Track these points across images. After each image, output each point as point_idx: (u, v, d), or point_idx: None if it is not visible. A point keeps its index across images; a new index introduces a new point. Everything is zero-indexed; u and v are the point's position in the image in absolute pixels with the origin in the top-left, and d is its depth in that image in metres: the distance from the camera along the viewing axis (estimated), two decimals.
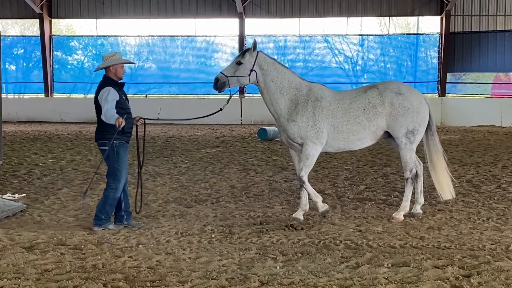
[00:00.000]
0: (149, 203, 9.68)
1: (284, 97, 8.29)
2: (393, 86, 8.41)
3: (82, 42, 31.32)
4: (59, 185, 11.13)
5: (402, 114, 8.25)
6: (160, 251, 6.90)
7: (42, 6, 28.98)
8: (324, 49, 29.42)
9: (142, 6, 28.99)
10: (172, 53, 30.60)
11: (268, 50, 29.64)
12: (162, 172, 12.80)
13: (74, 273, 6.07)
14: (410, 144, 8.34)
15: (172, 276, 5.99)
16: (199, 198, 10.11)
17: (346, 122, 8.22)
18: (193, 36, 30.10)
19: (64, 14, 29.85)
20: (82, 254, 6.74)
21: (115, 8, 29.20)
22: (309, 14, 28.44)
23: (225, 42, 30.13)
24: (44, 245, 7.10)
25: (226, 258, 6.61)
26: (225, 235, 7.64)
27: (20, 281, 5.78)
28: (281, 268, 6.25)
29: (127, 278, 5.95)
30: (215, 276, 6.02)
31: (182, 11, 29.00)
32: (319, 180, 11.69)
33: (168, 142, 19.22)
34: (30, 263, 6.39)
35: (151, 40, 30.52)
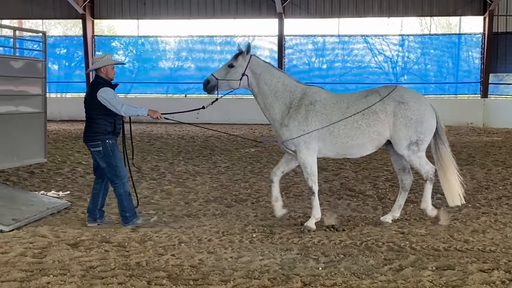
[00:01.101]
0: (190, 202, 9.75)
1: (278, 101, 8.06)
2: (396, 94, 7.95)
3: (123, 43, 31.67)
4: None
5: (405, 125, 7.84)
6: (202, 250, 6.94)
7: (85, 6, 29.42)
8: (364, 49, 29.18)
9: (182, 7, 29.19)
10: (211, 53, 30.73)
11: (306, 51, 29.58)
12: (202, 172, 12.88)
13: (119, 270, 6.15)
14: (415, 154, 7.95)
15: (215, 275, 6.02)
16: (239, 197, 10.14)
17: (343, 127, 7.88)
18: (232, 36, 30.19)
19: (106, 14, 30.24)
20: (125, 252, 6.83)
21: (156, 8, 29.47)
22: (349, 14, 28.25)
23: (263, 42, 30.14)
24: (88, 242, 7.21)
25: (267, 258, 6.61)
26: (266, 235, 7.65)
27: (66, 278, 5.88)
28: (323, 269, 6.23)
29: (170, 276, 6.01)
30: (257, 275, 6.03)
31: (222, 12, 29.11)
32: (360, 181, 11.61)
33: (207, 142, 19.33)
34: (75, 259, 6.49)
35: (191, 40, 30.71)
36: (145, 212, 8.98)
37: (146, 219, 8.21)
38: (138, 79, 30.71)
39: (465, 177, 8.73)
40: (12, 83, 9.50)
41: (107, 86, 7.92)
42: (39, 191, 10.41)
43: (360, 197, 10.06)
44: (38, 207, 8.60)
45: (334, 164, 13.79)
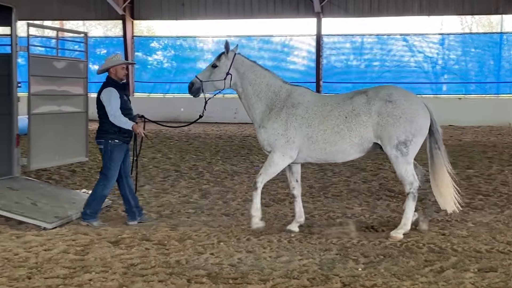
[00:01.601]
0: (228, 201, 9.79)
1: (261, 102, 7.77)
2: (384, 93, 7.52)
3: (161, 43, 31.95)
4: (141, 182, 11.38)
5: (392, 124, 7.36)
6: (241, 249, 6.97)
7: (125, 8, 29.77)
8: (403, 48, 28.89)
9: (221, 7, 29.31)
10: (248, 53, 30.79)
11: (344, 50, 29.42)
12: (239, 171, 12.92)
13: (159, 268, 6.21)
14: (403, 157, 7.44)
15: (254, 274, 6.04)
16: (277, 197, 10.14)
17: (322, 132, 7.48)
18: (269, 36, 30.21)
19: (145, 15, 30.55)
20: (165, 250, 6.89)
21: (194, 9, 29.65)
22: (388, 13, 27.98)
23: (301, 42, 30.08)
24: (129, 240, 7.30)
25: (306, 258, 6.60)
26: (304, 235, 7.63)
27: (108, 275, 5.97)
28: (363, 270, 6.20)
29: (209, 274, 6.04)
30: (297, 275, 6.02)
31: (260, 12, 29.13)
32: (399, 182, 11.46)
33: (245, 141, 19.37)
34: (116, 257, 6.58)
35: (228, 40, 30.79)
36: (184, 211, 9.06)
37: (102, 224, 8.16)
38: (176, 79, 30.95)
39: (507, 178, 8.48)
40: (55, 83, 9.67)
41: (113, 86, 8.00)
42: (80, 189, 10.58)
43: (400, 198, 9.96)
44: (80, 205, 8.72)
45: (372, 164, 13.70)
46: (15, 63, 9.36)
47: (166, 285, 5.73)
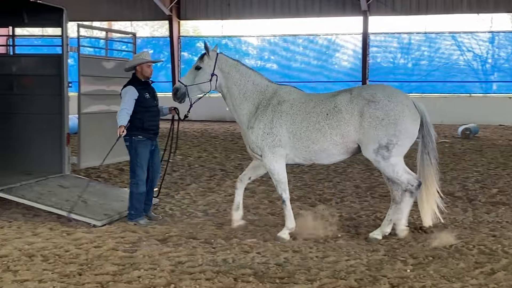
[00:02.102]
0: (274, 201, 9.79)
1: (247, 102, 7.48)
2: (368, 92, 7.13)
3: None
4: (187, 181, 11.49)
5: (374, 126, 6.96)
6: (287, 248, 6.95)
7: (171, 8, 30.06)
8: (451, 46, 28.42)
9: (266, 6, 29.32)
10: (293, 52, 30.74)
11: (391, 48, 29.09)
12: None
13: (206, 266, 6.24)
14: (385, 161, 7.03)
15: (301, 274, 6.02)
16: (323, 197, 10.09)
17: (305, 128, 7.20)
18: (314, 35, 30.09)
19: (192, 15, 30.77)
20: (212, 248, 6.93)
21: (240, 8, 29.74)
22: (436, 11, 27.54)
23: (346, 41, 29.87)
24: (176, 238, 7.36)
25: (354, 259, 6.55)
26: (351, 235, 7.58)
27: (156, 272, 6.03)
28: (412, 271, 6.11)
29: (256, 273, 6.05)
30: (344, 276, 5.98)
31: (306, 11, 29.03)
32: (448, 182, 11.30)
33: None
34: (164, 254, 6.64)
35: (273, 39, 30.83)
36: (230, 210, 9.07)
37: (149, 222, 8.22)
38: None
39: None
40: (104, 83, 9.83)
41: (136, 84, 8.04)
42: (128, 188, 10.70)
43: (449, 199, 9.80)
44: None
45: None
46: (66, 64, 9.56)
47: (213, 283, 5.75)
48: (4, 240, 7.18)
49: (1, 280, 5.74)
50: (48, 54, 12.56)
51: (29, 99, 9.74)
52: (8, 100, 9.41)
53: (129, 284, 5.71)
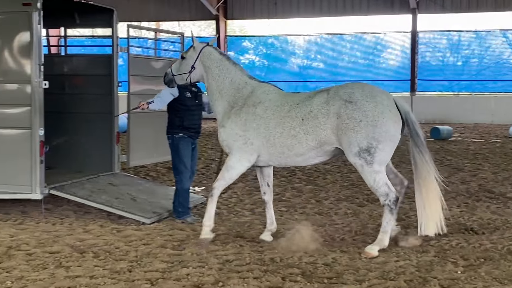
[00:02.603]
0: (321, 200, 9.75)
1: (223, 99, 7.18)
2: (345, 92, 6.63)
3: (253, 42, 32.25)
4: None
5: (352, 128, 6.48)
6: (335, 248, 6.91)
7: (218, 8, 30.26)
8: (502, 44, 27.81)
9: (313, 5, 29.23)
10: (340, 51, 30.56)
11: (440, 46, 28.65)
12: (332, 170, 12.83)
13: (254, 265, 6.25)
14: (369, 166, 6.53)
15: (349, 274, 5.97)
16: (371, 197, 9.97)
17: (279, 134, 6.79)
18: (362, 33, 29.85)
19: (238, 15, 30.92)
20: (259, 247, 6.93)
21: (286, 8, 29.72)
22: (487, 8, 27.00)
23: (395, 39, 29.54)
24: (224, 237, 7.39)
25: (403, 260, 6.47)
26: (401, 236, 7.47)
27: (204, 270, 6.07)
28: (462, 273, 6.00)
29: (304, 273, 6.03)
30: (393, 277, 5.91)
31: (353, 9, 28.84)
32: (499, 183, 11.08)
33: None
34: (212, 253, 6.68)
35: (320, 38, 30.71)
36: (276, 209, 9.08)
37: (196, 219, 8.22)
38: (267, 77, 31.15)
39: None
40: (153, 82, 9.93)
41: (180, 85, 8.02)
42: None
43: (501, 200, 9.60)
44: None
45: (471, 164, 13.28)
46: (116, 64, 9.70)
47: (261, 282, 5.76)
48: (57, 236, 7.34)
49: (54, 276, 5.86)
50: (99, 54, 12.77)
51: (80, 99, 9.93)
52: (60, 99, 9.59)
53: (178, 281, 5.76)
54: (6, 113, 8.21)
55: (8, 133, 8.20)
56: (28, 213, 8.57)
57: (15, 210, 8.71)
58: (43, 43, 8.85)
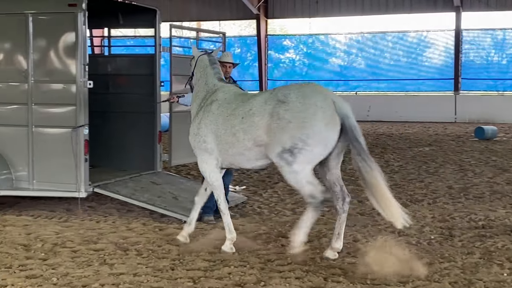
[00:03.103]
0: (363, 201, 9.64)
1: (196, 102, 7.20)
2: (283, 92, 6.37)
3: (294, 41, 32.16)
4: (275, 179, 11.51)
5: (281, 128, 6.20)
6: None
7: (259, 7, 30.28)
8: None
9: (355, 3, 29.01)
10: (382, 49, 30.26)
11: (484, 45, 28.14)
12: None
13: (295, 265, 6.23)
14: (289, 166, 6.20)
15: (392, 276, 5.90)
16: (415, 197, 9.87)
17: (223, 131, 6.67)
18: (404, 32, 29.50)
19: (279, 14, 30.87)
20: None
21: (328, 6, 29.56)
22: None
23: (438, 37, 29.12)
24: (265, 236, 7.39)
25: (448, 261, 6.38)
26: (445, 238, 7.38)
27: (246, 269, 6.08)
28: (509, 275, 5.89)
29: (346, 273, 5.99)
30: (437, 278, 5.84)
31: (395, 7, 28.50)
32: None
33: (379, 140, 19.04)
34: (253, 252, 6.68)
35: (361, 37, 30.46)
36: None
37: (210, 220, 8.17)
38: (307, 76, 31.06)
39: None
40: None
41: None
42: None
43: None
44: None
45: None
46: (158, 63, 9.79)
47: (303, 282, 5.74)
48: (100, 234, 7.45)
49: (98, 273, 5.95)
50: (142, 54, 12.92)
51: (123, 98, 10.04)
52: (104, 98, 9.72)
53: (220, 280, 5.78)
54: (52, 112, 8.37)
55: (54, 132, 8.35)
56: (73, 210, 8.71)
57: (60, 208, 8.87)
58: (87, 43, 8.97)
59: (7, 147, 8.46)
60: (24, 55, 8.36)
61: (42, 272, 5.96)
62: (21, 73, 8.35)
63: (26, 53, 8.32)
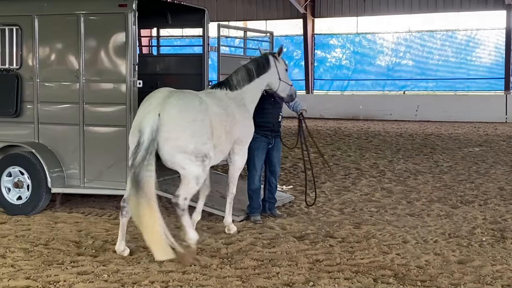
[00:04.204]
0: (412, 201, 9.53)
1: None
2: None
3: (340, 40, 31.96)
4: (322, 179, 11.46)
5: None
6: (428, 251, 6.74)
7: (306, 6, 30.20)
8: None
9: (403, 2, 28.67)
10: (430, 48, 29.81)
11: None
12: (423, 170, 12.53)
13: (344, 265, 6.18)
14: None
15: (443, 278, 5.81)
16: (465, 199, 9.69)
17: None
18: (453, 30, 28.99)
19: (326, 13, 30.74)
20: (350, 248, 6.85)
21: (375, 5, 29.29)
22: None
23: (488, 36, 28.53)
24: (313, 236, 7.35)
25: (500, 264, 6.24)
26: (497, 240, 7.22)
27: (294, 269, 6.05)
28: None
29: (396, 275, 5.91)
30: (490, 281, 5.72)
31: (445, 5, 28.05)
32: None
33: (427, 140, 18.76)
34: (301, 252, 6.66)
35: (409, 35, 30.07)
36: (366, 209, 8.96)
37: (258, 220, 8.17)
38: (354, 75, 30.84)
39: None
40: None
41: None
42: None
43: None
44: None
45: None
46: (207, 63, 9.82)
47: (352, 283, 5.69)
48: None
49: (148, 270, 6.01)
50: (190, 54, 13.00)
51: None
52: None
53: (268, 279, 5.77)
54: (103, 111, 8.47)
55: (105, 130, 8.45)
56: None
57: (110, 205, 9.00)
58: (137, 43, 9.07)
59: (59, 145, 8.60)
60: (75, 55, 8.48)
61: (93, 269, 6.05)
62: (73, 73, 8.48)
63: (78, 53, 8.44)
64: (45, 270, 6.02)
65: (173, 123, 6.40)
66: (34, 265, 6.17)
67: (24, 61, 8.71)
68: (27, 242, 6.99)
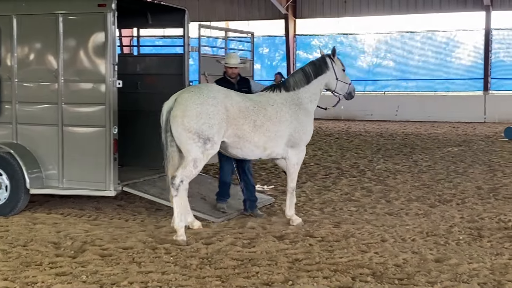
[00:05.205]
0: (391, 200, 9.61)
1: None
2: None
3: (322, 41, 32.07)
4: (303, 179, 11.50)
5: None
6: (406, 249, 6.80)
7: (287, 7, 30.27)
8: None
9: (383, 3, 28.87)
10: (410, 49, 30.05)
11: None
12: (402, 170, 12.64)
13: (323, 264, 6.22)
14: None
15: (420, 276, 5.87)
16: (443, 198, 9.79)
17: None
18: (433, 31, 29.25)
19: (307, 14, 30.85)
20: (329, 247, 6.89)
21: (356, 6, 29.46)
22: None
23: (467, 37, 28.82)
24: (293, 236, 7.38)
25: (476, 262, 6.31)
26: (473, 238, 7.30)
27: (274, 268, 6.07)
28: None
29: (374, 273, 5.96)
30: (466, 279, 5.77)
31: (424, 6, 28.28)
32: None
33: (407, 140, 18.91)
34: (281, 251, 6.68)
35: (389, 36, 30.28)
36: (346, 208, 9.02)
37: (224, 211, 8.50)
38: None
39: None
40: None
41: (220, 81, 8.32)
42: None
43: None
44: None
45: None
46: (187, 63, 9.81)
47: (330, 281, 5.72)
48: (129, 232, 7.50)
49: (127, 271, 5.99)
50: (171, 54, 12.95)
51: (152, 97, 10.07)
52: (133, 98, 9.79)
53: (248, 279, 5.79)
54: (82, 111, 8.43)
55: (84, 131, 8.42)
56: (102, 209, 8.81)
57: (89, 206, 8.97)
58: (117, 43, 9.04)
59: (37, 146, 8.55)
60: (54, 55, 8.44)
61: (72, 270, 6.03)
62: (52, 73, 8.44)
63: (56, 53, 8.40)
64: (23, 271, 5.98)
65: (182, 103, 7.18)
66: (12, 266, 6.14)
67: (3, 61, 8.65)
68: (6, 243, 6.95)
